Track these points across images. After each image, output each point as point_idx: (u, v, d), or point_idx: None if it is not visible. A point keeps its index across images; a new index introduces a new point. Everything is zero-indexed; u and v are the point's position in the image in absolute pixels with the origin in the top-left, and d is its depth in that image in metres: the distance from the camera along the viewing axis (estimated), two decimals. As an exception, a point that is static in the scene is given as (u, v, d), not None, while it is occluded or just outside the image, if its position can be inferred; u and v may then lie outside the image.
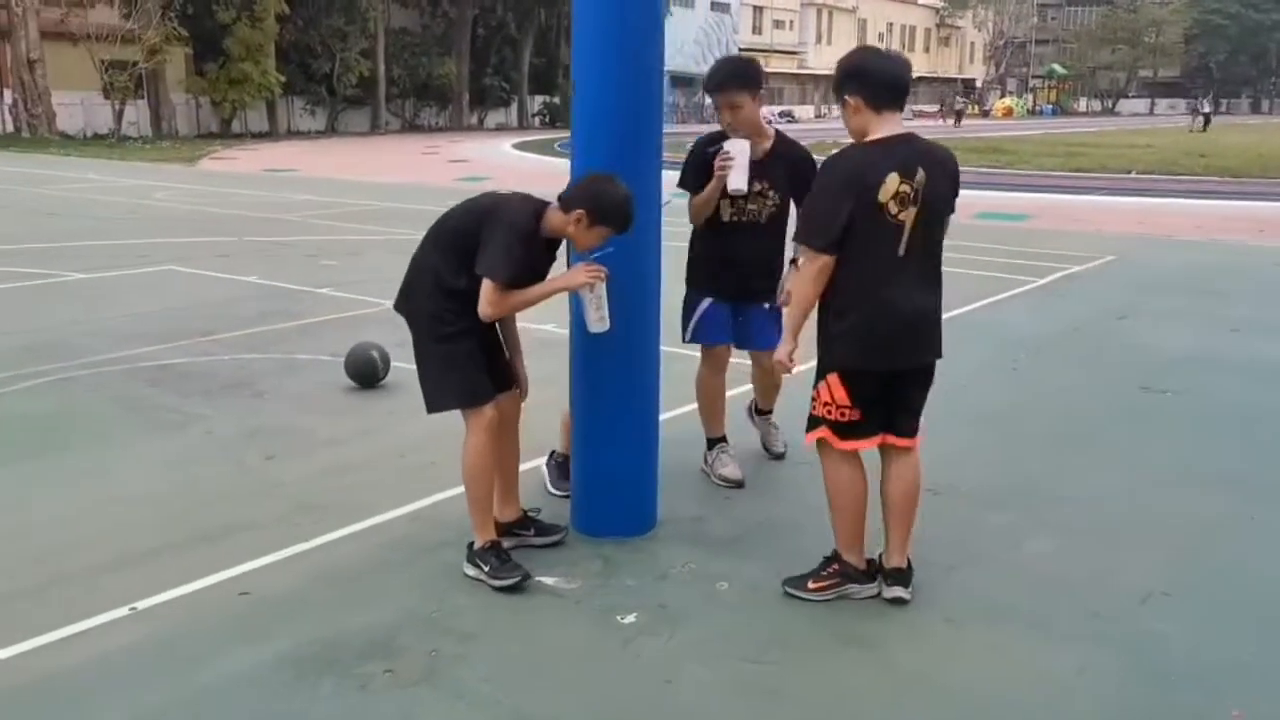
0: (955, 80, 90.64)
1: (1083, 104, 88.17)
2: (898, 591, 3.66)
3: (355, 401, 5.85)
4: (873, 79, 3.41)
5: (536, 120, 48.66)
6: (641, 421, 4.12)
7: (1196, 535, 4.23)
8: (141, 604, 3.51)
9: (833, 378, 3.52)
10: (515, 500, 4.01)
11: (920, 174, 3.36)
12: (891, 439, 3.63)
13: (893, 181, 3.32)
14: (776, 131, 4.56)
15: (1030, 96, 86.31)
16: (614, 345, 3.95)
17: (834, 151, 3.55)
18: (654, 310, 4.08)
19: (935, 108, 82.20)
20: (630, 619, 3.49)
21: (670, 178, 4.29)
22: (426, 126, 44.39)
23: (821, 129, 51.21)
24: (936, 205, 3.42)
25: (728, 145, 4.34)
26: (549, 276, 3.69)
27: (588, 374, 4.03)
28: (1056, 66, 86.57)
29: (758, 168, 4.38)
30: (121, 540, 3.99)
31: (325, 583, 3.69)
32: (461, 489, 3.79)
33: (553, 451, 4.58)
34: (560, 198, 3.62)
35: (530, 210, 3.59)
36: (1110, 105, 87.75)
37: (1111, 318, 8.31)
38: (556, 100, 50.04)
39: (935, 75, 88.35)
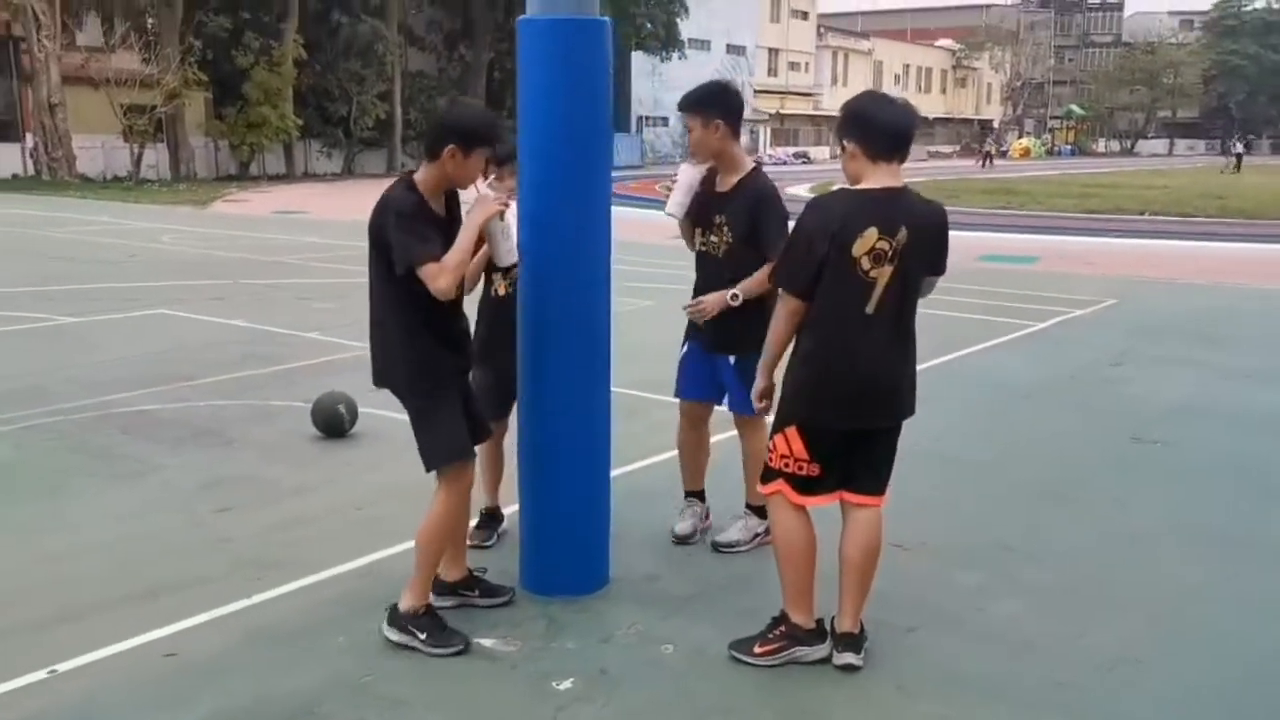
0: (972, 121, 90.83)
1: (1101, 144, 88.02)
2: (849, 658, 3.50)
3: (321, 450, 5.75)
4: (873, 127, 3.31)
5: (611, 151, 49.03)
6: (591, 474, 4.01)
7: (1173, 598, 4.06)
8: (62, 666, 3.40)
9: (791, 430, 3.41)
10: (463, 559, 3.88)
11: (902, 233, 3.24)
12: (849, 496, 3.50)
13: (870, 236, 3.22)
14: (756, 166, 4.37)
15: (1048, 137, 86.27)
16: (562, 392, 3.86)
17: (823, 193, 3.47)
18: (603, 357, 3.98)
19: (952, 149, 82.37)
20: (566, 684, 3.35)
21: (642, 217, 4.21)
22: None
23: (835, 169, 51.44)
24: (914, 268, 3.31)
25: (679, 168, 4.28)
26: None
27: (534, 423, 3.91)
28: (1074, 107, 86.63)
29: (719, 200, 4.25)
30: (55, 597, 3.89)
31: (257, 644, 3.57)
32: (410, 544, 3.67)
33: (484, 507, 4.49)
34: (424, 151, 3.44)
35: (404, 185, 3.42)
36: (1129, 146, 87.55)
37: (1106, 364, 8.14)
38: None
39: (952, 116, 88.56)
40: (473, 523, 4.31)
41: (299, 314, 9.96)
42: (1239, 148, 51.82)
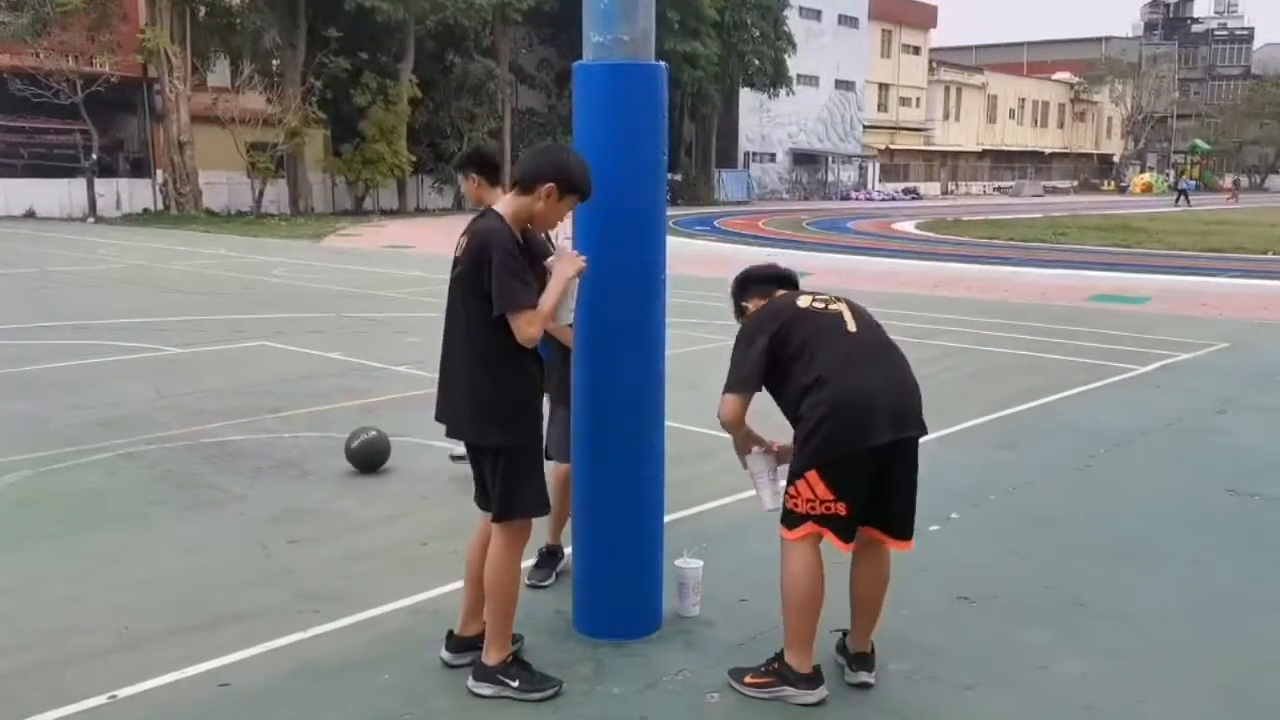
0: (1091, 156, 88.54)
1: (1227, 180, 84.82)
2: (863, 676, 3.61)
3: (393, 486, 5.85)
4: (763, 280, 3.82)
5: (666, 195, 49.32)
6: (644, 516, 3.98)
7: (1248, 667, 3.82)
8: (122, 692, 3.51)
9: (811, 474, 3.39)
10: (480, 615, 3.74)
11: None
12: (877, 534, 3.53)
13: (805, 298, 3.60)
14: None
15: (1171, 172, 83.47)
16: (616, 436, 3.85)
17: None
18: (657, 401, 3.97)
19: (1069, 184, 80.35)
20: (607, 731, 3.32)
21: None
22: (550, 203, 45.47)
23: (945, 205, 50.62)
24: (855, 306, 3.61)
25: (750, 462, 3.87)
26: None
27: (588, 465, 3.92)
28: (1199, 142, 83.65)
29: None
30: (121, 623, 4.02)
31: (306, 677, 3.63)
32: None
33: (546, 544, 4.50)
34: (517, 180, 3.42)
35: (496, 218, 3.39)
36: (1259, 181, 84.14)
37: (1210, 412, 7.78)
38: (677, 177, 50.65)
39: (1069, 150, 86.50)
40: (530, 562, 4.32)
41: (393, 348, 10.19)
42: None
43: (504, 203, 3.45)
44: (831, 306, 3.55)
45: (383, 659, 3.76)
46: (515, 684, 3.49)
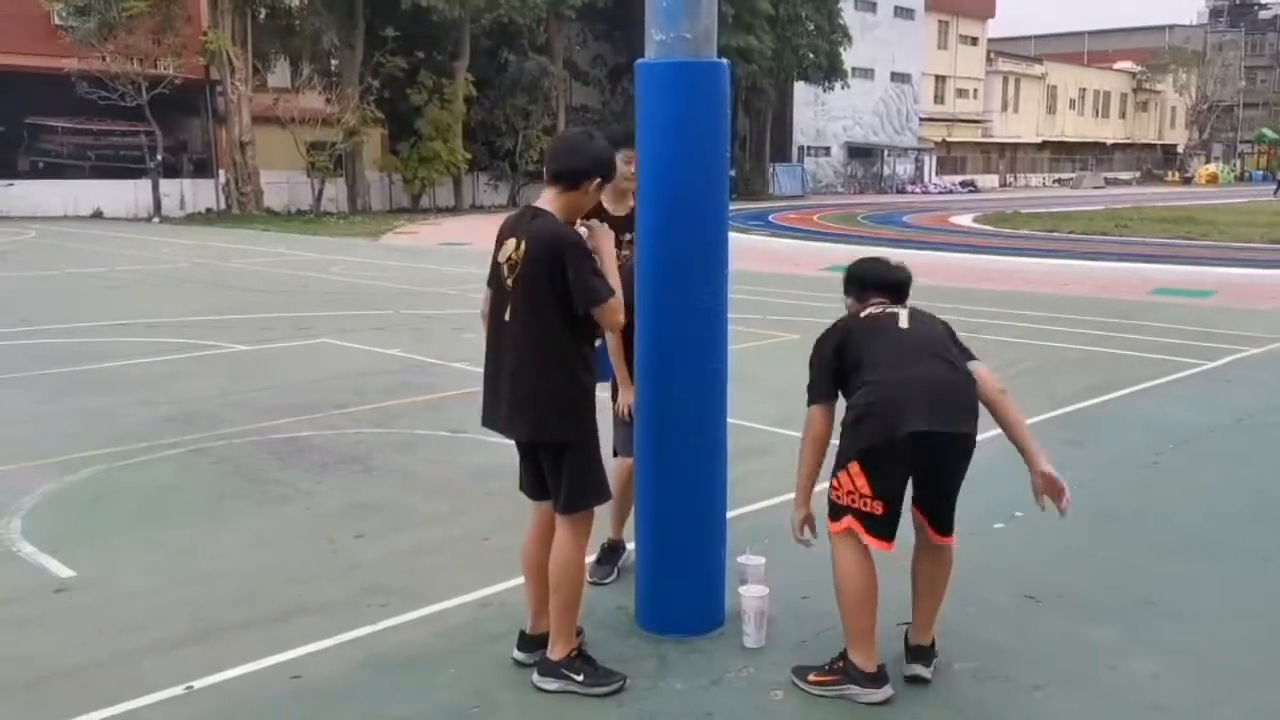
0: (1154, 146, 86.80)
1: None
2: (917, 669, 3.61)
3: (458, 479, 5.91)
4: (864, 283, 3.78)
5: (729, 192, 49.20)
6: (708, 511, 4.00)
7: (1325, 666, 3.76)
8: (198, 683, 3.60)
9: (853, 465, 3.43)
10: (548, 611, 3.74)
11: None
12: (936, 539, 3.59)
13: (876, 306, 3.67)
14: None
15: (1237, 163, 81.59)
16: (679, 430, 3.87)
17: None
18: (720, 394, 3.98)
19: (1131, 175, 78.85)
20: (672, 726, 3.34)
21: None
22: (604, 199, 45.67)
23: (1003, 198, 49.90)
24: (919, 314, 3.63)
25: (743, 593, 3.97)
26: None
27: (652, 460, 3.94)
28: (1266, 131, 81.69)
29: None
30: (195, 616, 4.12)
31: (375, 670, 3.70)
32: None
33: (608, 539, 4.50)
34: (560, 180, 3.49)
35: (554, 219, 3.47)
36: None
37: (1276, 410, 7.61)
38: (732, 172, 50.51)
39: (1132, 141, 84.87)
40: (591, 558, 4.36)
41: (451, 344, 10.30)
42: None
43: (551, 201, 3.49)
44: (890, 309, 3.63)
45: (449, 653, 3.82)
46: (580, 678, 3.52)
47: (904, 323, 3.56)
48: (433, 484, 5.84)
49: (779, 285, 15.01)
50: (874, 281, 3.78)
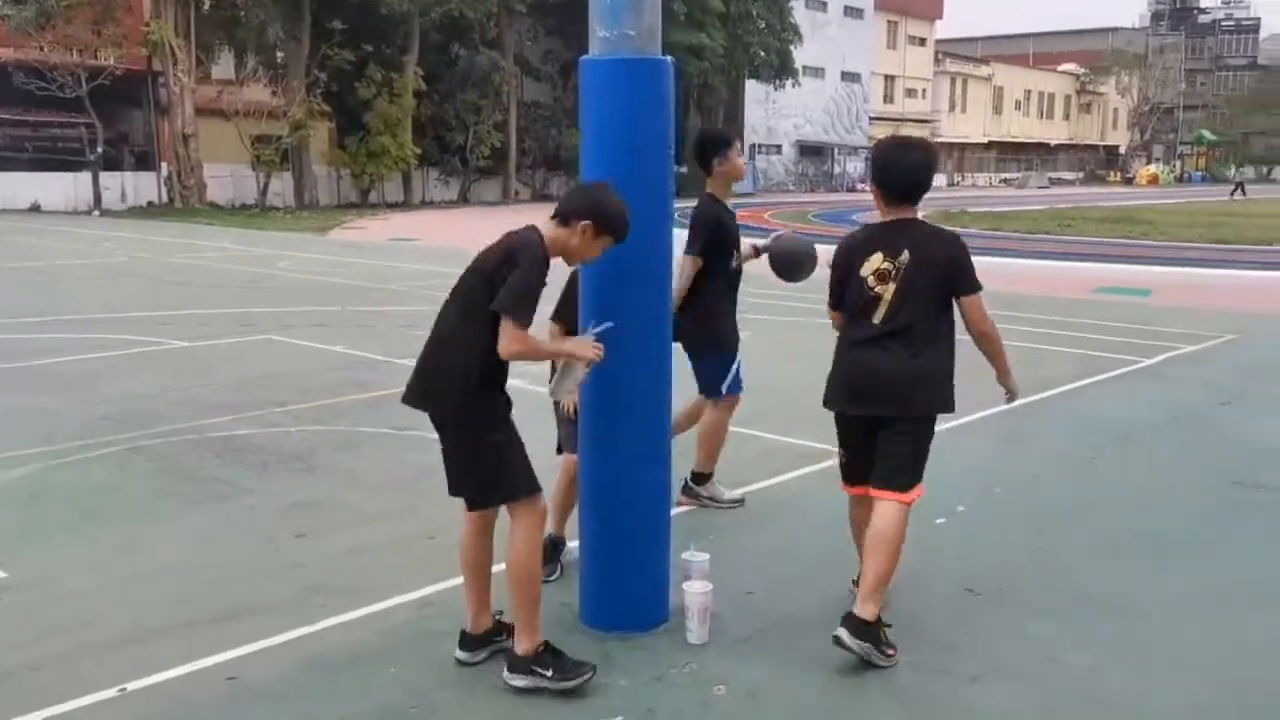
0: (1097, 147, 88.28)
1: (1234, 171, 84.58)
2: (839, 632, 3.68)
3: (403, 477, 5.86)
4: (887, 178, 3.87)
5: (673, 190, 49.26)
6: (651, 509, 4.00)
7: (1255, 661, 3.83)
8: (132, 685, 3.53)
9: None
10: (491, 607, 3.78)
11: (905, 255, 3.78)
12: (871, 490, 3.88)
13: (876, 259, 3.82)
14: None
15: (1177, 164, 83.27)
16: (622, 429, 3.86)
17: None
18: (665, 394, 3.98)
19: (1075, 175, 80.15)
20: (612, 724, 3.34)
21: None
22: (555, 196, 45.43)
23: (950, 198, 50.45)
24: (917, 283, 3.76)
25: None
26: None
27: (595, 457, 3.93)
28: (1205, 133, 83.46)
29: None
30: (131, 617, 4.04)
31: (313, 670, 3.65)
32: None
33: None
34: (556, 215, 3.52)
35: (538, 235, 3.47)
36: (1266, 172, 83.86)
37: (1215, 404, 7.78)
38: (683, 169, 50.59)
39: (1075, 142, 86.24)
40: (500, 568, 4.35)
41: (398, 341, 10.19)
42: None
43: (546, 226, 3.51)
44: (878, 288, 3.80)
45: (390, 652, 3.78)
46: (549, 674, 3.49)
47: (878, 317, 3.80)
48: (376, 482, 5.78)
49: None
50: (895, 181, 3.86)
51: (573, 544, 4.40)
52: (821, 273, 4.60)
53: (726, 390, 5.23)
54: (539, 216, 3.66)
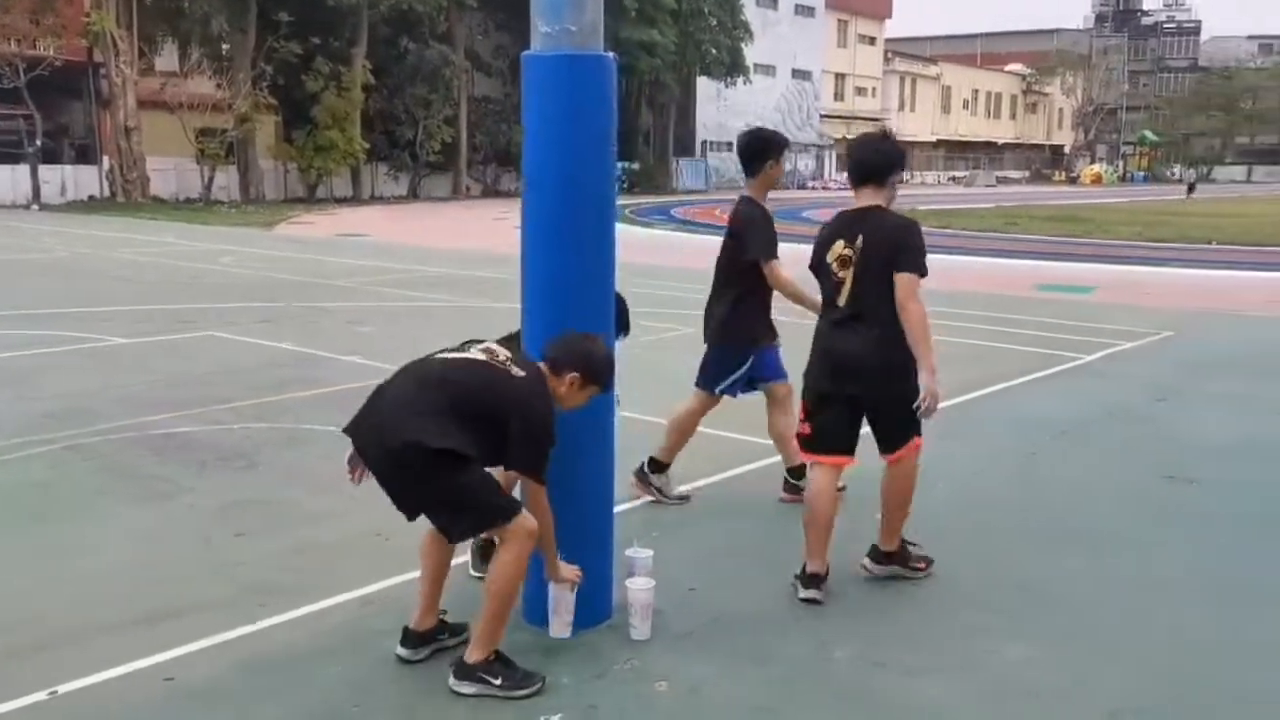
0: (1043, 147, 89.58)
1: (1176, 171, 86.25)
2: (865, 561, 4.46)
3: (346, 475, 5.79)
4: (849, 166, 4.38)
5: (616, 186, 49.27)
6: (594, 506, 4.00)
7: (1183, 649, 3.92)
8: (63, 687, 3.47)
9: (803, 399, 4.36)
10: (438, 606, 3.79)
11: (860, 240, 4.13)
12: (883, 457, 4.35)
13: (838, 246, 4.20)
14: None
15: (1120, 163, 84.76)
16: (567, 426, 3.85)
17: None
18: (608, 394, 3.98)
19: (1021, 174, 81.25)
20: (554, 720, 3.34)
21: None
22: (506, 192, 45.26)
23: (901, 195, 50.88)
24: (870, 267, 4.08)
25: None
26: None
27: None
28: (1148, 133, 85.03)
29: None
30: (64, 618, 3.98)
31: (252, 671, 3.61)
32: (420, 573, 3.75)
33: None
34: (547, 360, 3.59)
35: (544, 385, 3.53)
36: (1205, 172, 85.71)
37: (1151, 400, 7.93)
38: (635, 166, 50.64)
39: (1022, 142, 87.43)
40: (462, 560, 4.34)
41: (344, 338, 10.12)
42: None
43: (548, 378, 3.55)
44: (841, 274, 4.15)
45: (331, 651, 3.75)
46: (498, 682, 3.46)
47: (842, 299, 4.18)
48: (319, 480, 5.72)
49: (678, 279, 15.09)
50: (851, 165, 4.37)
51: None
52: None
53: (727, 389, 5.37)
54: (484, 213, 3.69)
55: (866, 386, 4.16)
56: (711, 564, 4.64)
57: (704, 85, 53.52)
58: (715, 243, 5.73)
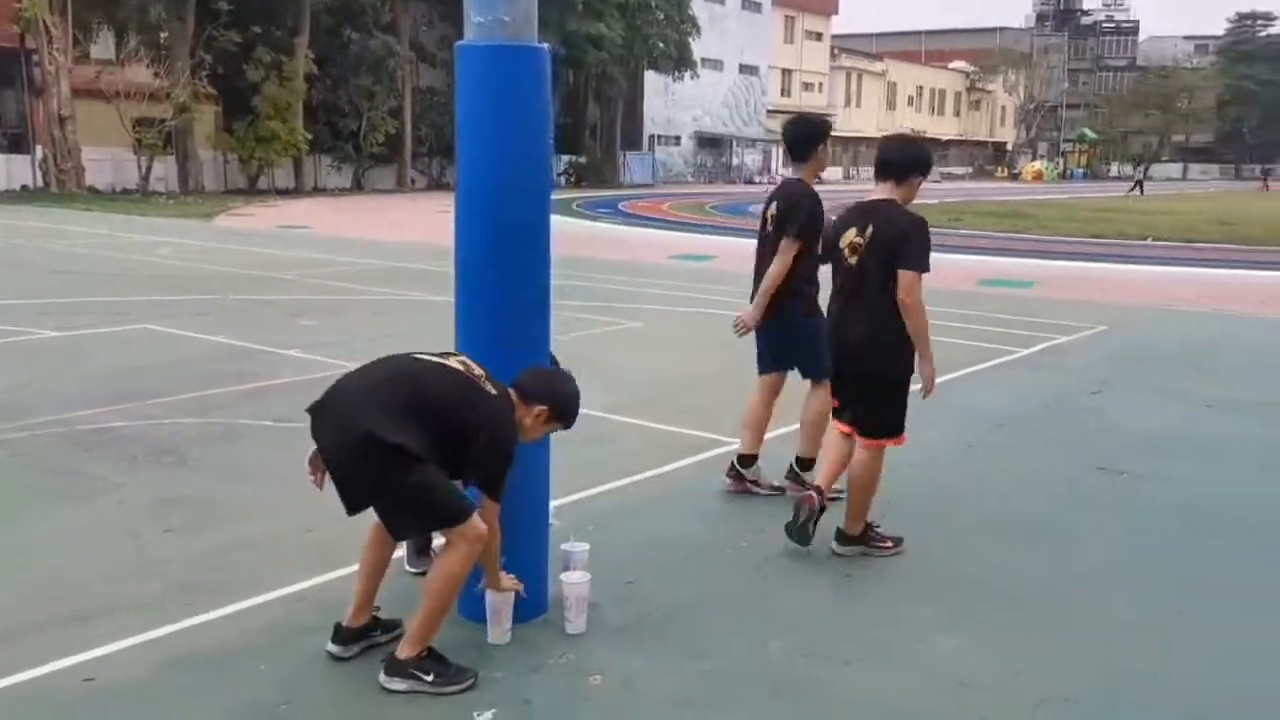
0: (986, 144, 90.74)
1: (1114, 169, 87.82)
2: (832, 544, 4.66)
3: (281, 469, 5.70)
4: (876, 159, 4.60)
5: (562, 180, 49.01)
6: (529, 501, 3.97)
7: (1117, 639, 3.97)
8: (-20, 689, 3.37)
9: None
10: (372, 603, 3.73)
11: (870, 229, 4.41)
12: (856, 434, 4.66)
13: (851, 234, 4.49)
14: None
15: (1061, 161, 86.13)
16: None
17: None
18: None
19: (965, 170, 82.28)
20: (487, 716, 3.31)
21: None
22: (452, 184, 44.89)
23: (846, 190, 51.39)
24: (873, 257, 4.38)
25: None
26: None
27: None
28: (1087, 131, 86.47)
29: None
30: (-16, 618, 3.87)
31: (177, 670, 3.53)
32: (352, 569, 3.71)
33: None
34: (517, 388, 3.55)
35: (513, 412, 3.51)
36: (1145, 170, 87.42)
37: (1085, 393, 8.06)
38: (583, 160, 50.51)
39: (965, 138, 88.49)
40: (400, 553, 4.29)
41: (284, 331, 9.97)
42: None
43: (517, 408, 3.52)
44: (850, 259, 4.47)
45: (259, 650, 3.68)
46: (430, 678, 3.41)
47: (848, 285, 4.51)
48: (252, 475, 5.63)
49: (625, 273, 15.07)
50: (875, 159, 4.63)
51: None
52: None
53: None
54: (428, 205, 3.64)
55: (858, 368, 4.53)
56: (649, 556, 4.63)
57: (651, 79, 53.48)
58: (661, 237, 5.72)
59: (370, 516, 3.50)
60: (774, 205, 5.31)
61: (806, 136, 5.31)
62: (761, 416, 5.46)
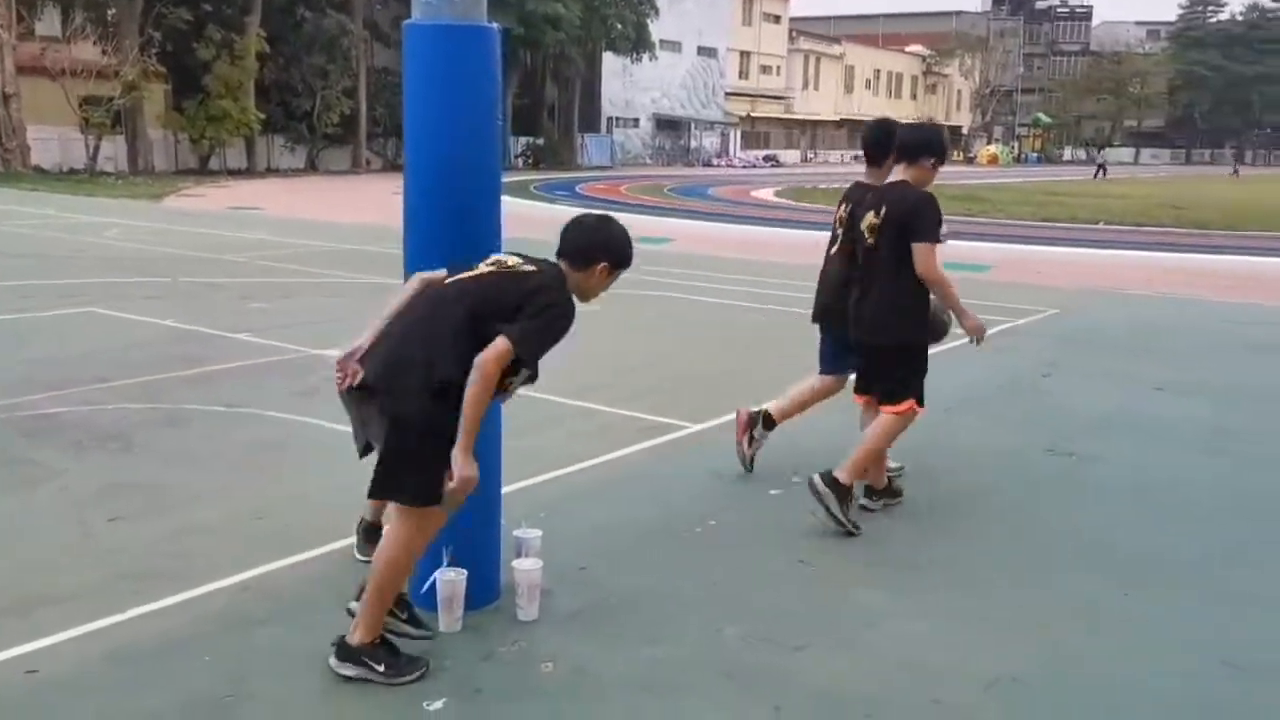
0: (942, 127, 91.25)
1: (1067, 153, 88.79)
2: (813, 477, 4.78)
3: (231, 455, 5.64)
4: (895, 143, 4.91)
5: (520, 161, 48.74)
6: (481, 485, 3.92)
7: (1064, 620, 4.01)
8: (-84, 683, 3.29)
9: None
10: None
11: (883, 209, 4.74)
12: (875, 401, 5.03)
13: (869, 216, 4.82)
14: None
15: (1015, 144, 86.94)
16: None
17: None
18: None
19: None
20: (438, 705, 3.28)
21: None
22: (409, 166, 44.67)
23: (804, 173, 51.54)
24: (887, 233, 4.72)
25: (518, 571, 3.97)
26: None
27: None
28: (1041, 115, 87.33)
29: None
30: (-80, 611, 3.77)
31: (121, 661, 3.47)
32: (302, 556, 3.73)
33: (361, 518, 4.23)
34: (564, 256, 3.51)
35: (564, 282, 3.45)
36: (1098, 152, 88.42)
37: (1035, 376, 8.15)
38: (541, 141, 50.25)
39: (922, 122, 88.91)
40: (349, 540, 4.26)
41: (234, 314, 9.83)
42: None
43: (569, 276, 3.47)
44: (870, 239, 4.79)
45: (205, 639, 3.62)
46: (381, 668, 3.37)
47: (867, 260, 4.84)
48: (200, 462, 5.54)
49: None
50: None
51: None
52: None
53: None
54: (383, 187, 3.58)
55: (876, 338, 4.86)
56: (602, 542, 4.61)
57: (610, 61, 53.28)
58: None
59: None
60: (879, 210, 4.79)
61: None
62: (807, 400, 5.61)
